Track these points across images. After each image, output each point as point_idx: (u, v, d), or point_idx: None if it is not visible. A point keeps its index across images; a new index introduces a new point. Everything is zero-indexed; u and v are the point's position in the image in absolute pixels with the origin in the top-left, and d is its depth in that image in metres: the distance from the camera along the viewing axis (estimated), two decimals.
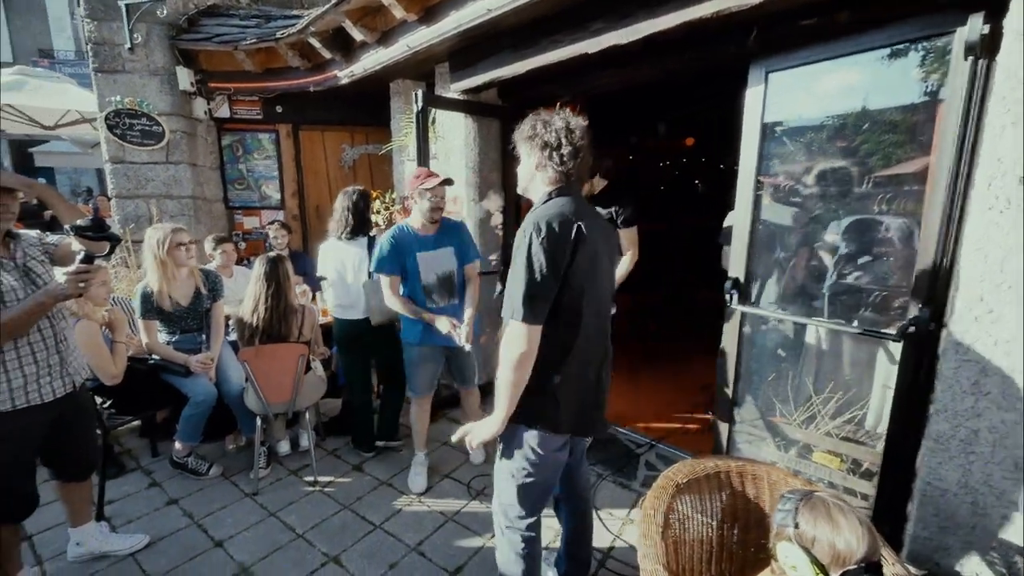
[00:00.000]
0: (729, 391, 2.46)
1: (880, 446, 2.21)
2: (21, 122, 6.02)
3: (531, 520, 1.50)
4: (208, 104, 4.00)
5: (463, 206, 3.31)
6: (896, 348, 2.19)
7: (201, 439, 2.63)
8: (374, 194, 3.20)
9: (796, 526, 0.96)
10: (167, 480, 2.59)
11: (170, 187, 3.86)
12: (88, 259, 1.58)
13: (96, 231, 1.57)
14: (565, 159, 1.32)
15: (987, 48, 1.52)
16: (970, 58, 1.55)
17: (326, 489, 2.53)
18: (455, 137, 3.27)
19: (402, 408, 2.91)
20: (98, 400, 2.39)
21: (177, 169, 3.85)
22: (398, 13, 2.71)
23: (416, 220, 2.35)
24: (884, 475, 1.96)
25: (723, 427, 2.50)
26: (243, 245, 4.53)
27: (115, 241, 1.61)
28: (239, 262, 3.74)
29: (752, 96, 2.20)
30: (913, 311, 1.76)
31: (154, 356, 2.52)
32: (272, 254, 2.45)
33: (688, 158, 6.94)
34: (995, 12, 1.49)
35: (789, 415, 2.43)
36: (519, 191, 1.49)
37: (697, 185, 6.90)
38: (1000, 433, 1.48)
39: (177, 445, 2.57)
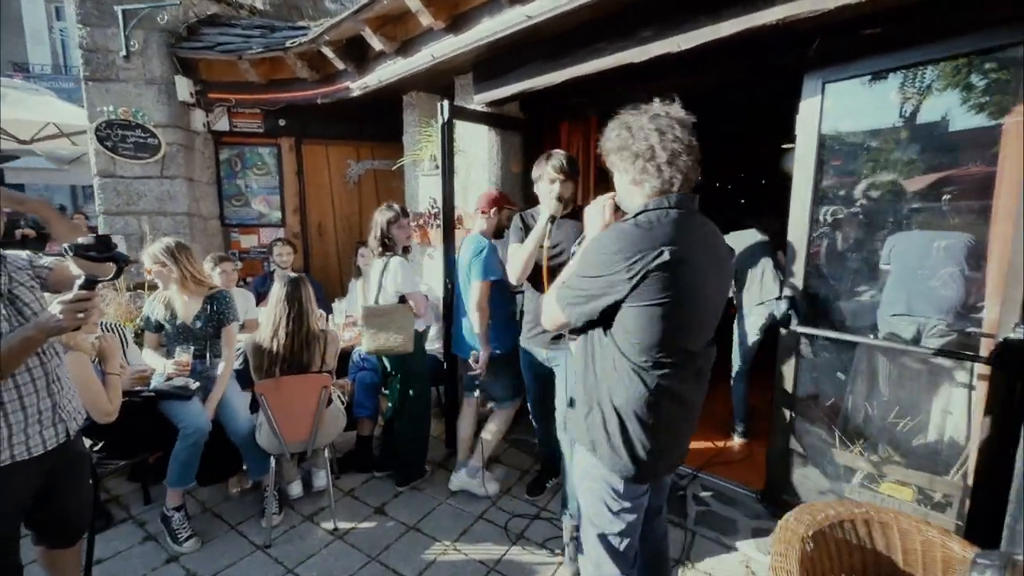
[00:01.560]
0: (786, 417, 2.31)
1: (952, 475, 2.08)
2: None
3: None
4: (207, 116, 3.78)
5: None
6: (958, 371, 2.09)
7: (195, 482, 2.30)
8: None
9: None
10: (164, 532, 2.28)
11: (164, 203, 3.60)
12: (89, 284, 1.32)
13: (101, 251, 1.33)
14: (663, 168, 1.11)
15: None
16: None
17: (347, 537, 2.26)
18: (477, 151, 3.12)
19: (426, 441, 2.67)
20: (86, 443, 2.09)
21: (172, 184, 3.60)
22: (425, 20, 2.58)
23: (489, 232, 2.45)
24: (974, 510, 1.81)
25: (780, 456, 2.33)
26: (239, 265, 4.25)
27: (123, 262, 1.38)
28: (236, 283, 3.48)
29: (808, 108, 2.11)
30: (1006, 331, 1.64)
31: (147, 387, 2.25)
32: (293, 274, 2.23)
33: (728, 171, 6.91)
34: None
35: (851, 442, 2.29)
36: (620, 206, 1.28)
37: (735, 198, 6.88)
38: None
39: (169, 494, 2.22)
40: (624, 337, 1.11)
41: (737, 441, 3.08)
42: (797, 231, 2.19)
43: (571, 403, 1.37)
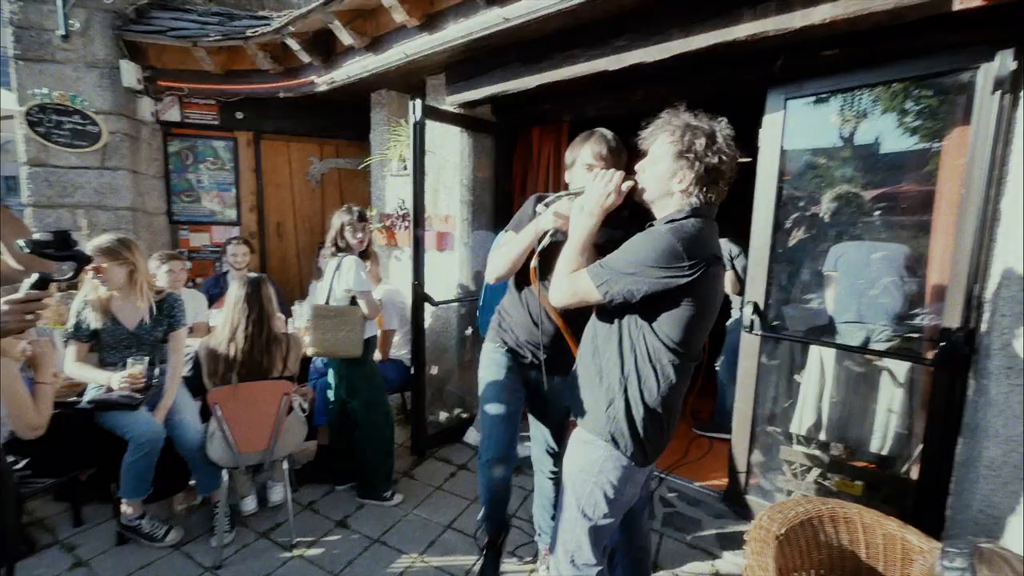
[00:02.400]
0: (747, 418, 2.39)
1: (897, 470, 2.22)
2: None
3: (600, 568, 1.32)
4: (155, 105, 3.53)
5: (456, 224, 3.10)
6: (899, 370, 2.24)
7: (151, 491, 2.13)
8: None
9: None
10: (97, 556, 2.07)
11: (104, 196, 3.31)
12: (42, 283, 1.18)
13: (60, 248, 1.19)
14: (712, 188, 1.16)
15: (1013, 83, 1.59)
16: (998, 92, 1.62)
17: (307, 553, 2.13)
18: (448, 152, 3.08)
19: (391, 451, 2.57)
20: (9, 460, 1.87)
21: (115, 176, 3.32)
22: (398, 17, 2.52)
23: None
24: (918, 502, 1.93)
25: (741, 456, 2.41)
26: (189, 265, 3.98)
27: (83, 262, 1.24)
28: (185, 284, 3.25)
29: (770, 122, 2.20)
30: (949, 337, 1.76)
31: (83, 398, 2.04)
32: (253, 275, 2.09)
33: None
34: (1022, 49, 1.57)
35: (806, 441, 2.40)
36: (645, 197, 1.25)
37: None
38: None
39: (124, 507, 2.07)
40: (667, 331, 1.16)
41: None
42: (760, 241, 2.28)
43: (574, 400, 1.34)
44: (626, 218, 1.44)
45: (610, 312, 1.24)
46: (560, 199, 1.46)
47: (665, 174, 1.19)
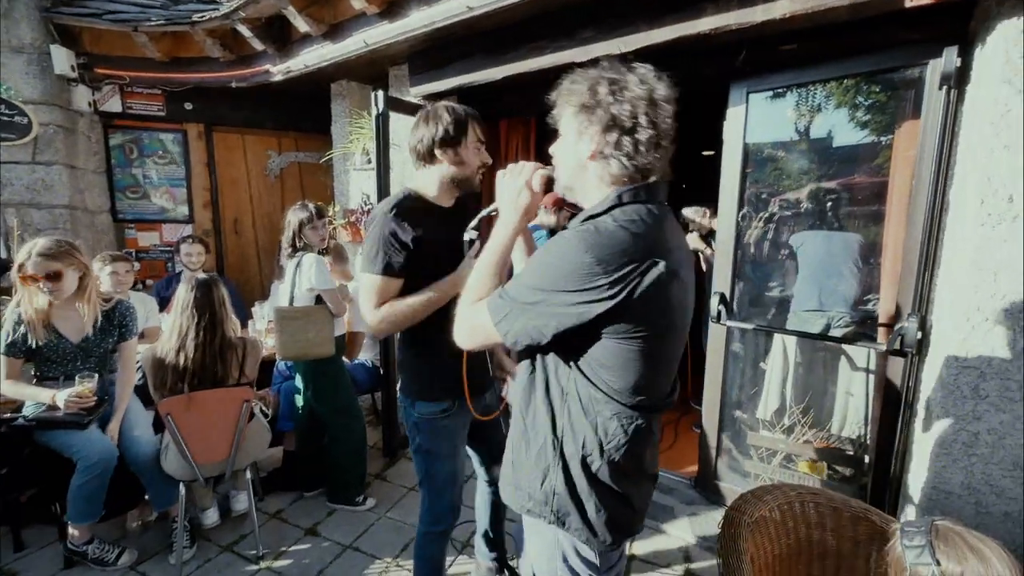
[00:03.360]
0: (715, 405, 2.44)
1: (856, 452, 2.33)
2: None
3: None
4: (93, 95, 3.27)
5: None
6: (857, 356, 2.34)
7: (103, 513, 1.99)
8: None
9: (937, 563, 0.86)
10: (88, 565, 1.92)
11: (37, 193, 3.05)
12: None
13: None
14: (643, 149, 0.84)
15: (958, 79, 1.66)
16: (944, 87, 1.69)
17: (275, 564, 2.05)
18: None
19: (363, 454, 2.49)
20: None
21: (48, 171, 3.07)
22: (357, 4, 2.41)
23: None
24: (876, 482, 2.02)
25: (711, 443, 2.46)
26: (137, 266, 3.74)
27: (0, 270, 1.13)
28: (133, 286, 3.04)
29: (733, 115, 2.24)
30: (902, 323, 1.84)
31: (22, 414, 1.88)
32: (203, 276, 1.97)
33: None
34: (965, 47, 1.64)
35: (771, 427, 2.48)
36: (558, 189, 0.97)
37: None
38: (999, 434, 1.57)
39: (71, 530, 1.92)
40: (603, 374, 0.86)
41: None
42: (725, 233, 2.32)
43: (504, 467, 1.04)
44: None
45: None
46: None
47: (571, 142, 0.90)
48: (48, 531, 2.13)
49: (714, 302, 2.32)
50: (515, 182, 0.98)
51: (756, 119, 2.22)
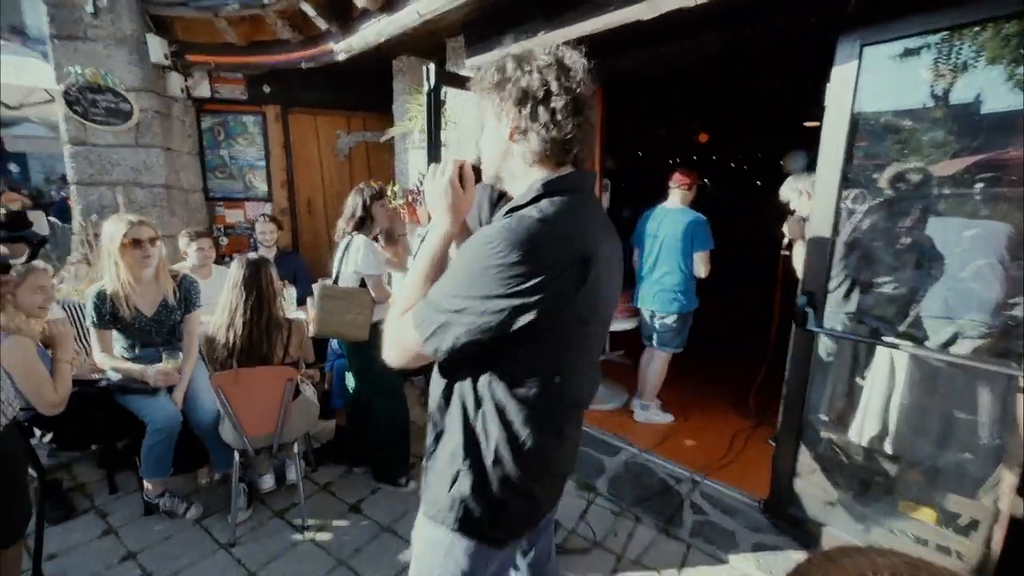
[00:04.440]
0: (796, 420, 2.10)
1: (982, 498, 1.87)
2: None
3: None
4: (185, 81, 3.53)
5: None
6: (996, 379, 1.85)
7: (171, 471, 2.20)
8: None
9: None
10: (125, 525, 2.16)
11: (139, 173, 3.39)
12: (2, 267, 1.17)
13: (10, 230, 1.16)
14: (560, 118, 0.79)
15: None
16: None
17: (317, 537, 2.12)
18: (471, 122, 2.86)
19: (406, 434, 2.50)
20: (36, 433, 1.96)
21: (148, 153, 3.38)
22: None
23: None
24: (1009, 539, 1.60)
25: (787, 462, 2.13)
26: (225, 241, 4.07)
27: (36, 243, 1.20)
28: (219, 260, 3.30)
29: (840, 76, 1.82)
30: None
31: (106, 376, 2.08)
32: (253, 255, 2.03)
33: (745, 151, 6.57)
34: None
35: (868, 453, 2.08)
36: (487, 179, 0.91)
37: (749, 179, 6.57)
38: None
39: (145, 483, 2.14)
40: (516, 375, 0.82)
41: None
42: (821, 218, 1.93)
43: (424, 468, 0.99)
44: None
45: None
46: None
47: (492, 128, 0.86)
48: (135, 478, 2.40)
49: (800, 302, 1.96)
50: (438, 183, 0.89)
51: (871, 80, 1.78)
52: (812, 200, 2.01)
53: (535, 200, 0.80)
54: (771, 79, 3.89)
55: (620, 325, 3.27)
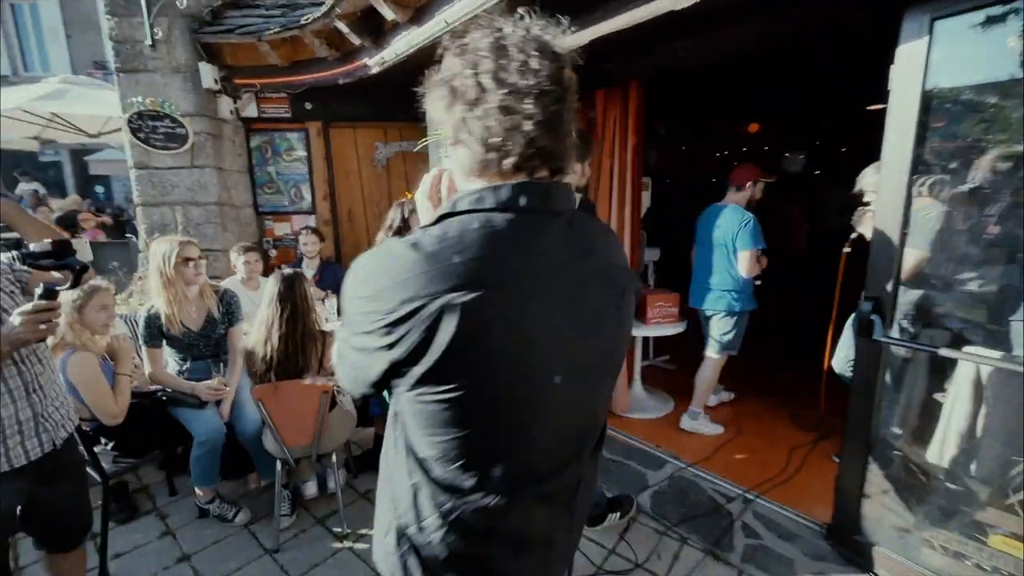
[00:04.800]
0: (864, 438, 1.89)
1: None
2: (69, 131, 6.11)
3: None
4: (234, 103, 3.73)
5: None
6: None
7: (220, 479, 2.32)
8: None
9: None
10: (183, 527, 2.28)
11: (195, 193, 3.61)
12: (49, 294, 1.25)
13: (55, 258, 1.23)
14: (493, 124, 0.62)
15: None
16: None
17: (356, 546, 2.15)
18: None
19: None
20: (102, 441, 2.10)
21: (203, 173, 3.60)
22: None
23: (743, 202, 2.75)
24: None
25: (853, 483, 1.93)
26: (274, 253, 4.27)
27: (79, 271, 1.27)
28: (269, 271, 3.45)
29: (908, 54, 1.62)
30: None
31: (161, 389, 2.21)
32: (288, 271, 2.08)
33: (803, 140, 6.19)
34: None
35: (950, 478, 1.84)
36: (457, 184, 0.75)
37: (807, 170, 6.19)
38: None
39: (196, 490, 2.26)
40: (417, 434, 0.69)
41: None
42: (888, 211, 1.73)
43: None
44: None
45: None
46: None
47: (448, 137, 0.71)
48: None
49: (864, 309, 1.76)
50: (421, 189, 0.79)
51: (946, 54, 1.57)
52: (878, 191, 1.80)
53: (440, 219, 0.65)
54: (822, 63, 3.58)
55: (663, 331, 3.11)
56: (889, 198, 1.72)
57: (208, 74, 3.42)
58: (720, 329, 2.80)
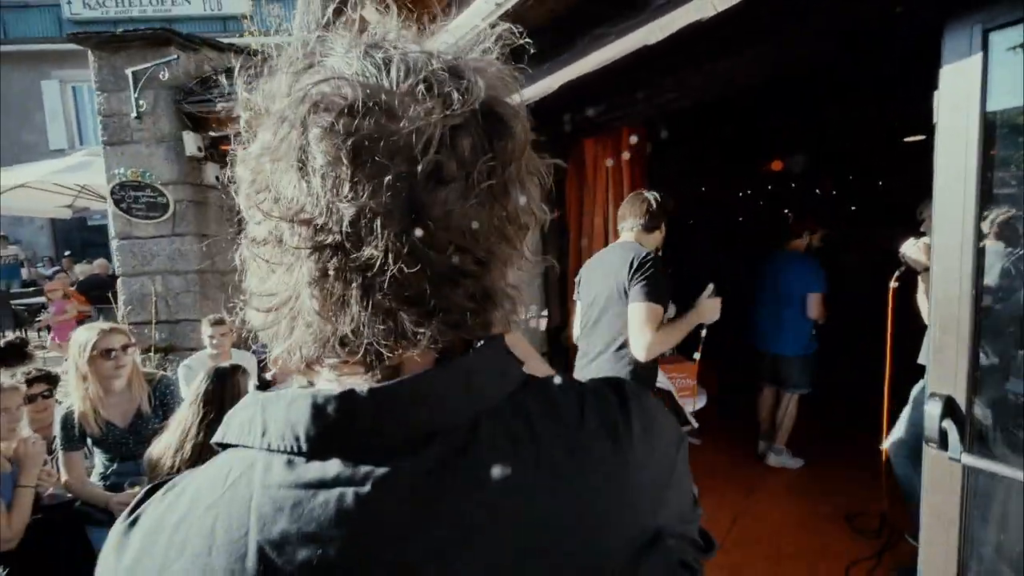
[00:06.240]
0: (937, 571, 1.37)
1: None
2: (94, 200, 6.36)
3: None
4: (221, 169, 3.66)
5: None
6: None
7: None
8: None
9: None
10: None
11: (175, 261, 3.49)
12: None
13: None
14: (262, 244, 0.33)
15: None
16: None
17: None
18: None
19: None
20: None
21: (183, 241, 3.49)
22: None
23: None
24: None
25: None
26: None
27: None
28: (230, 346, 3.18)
29: (956, 74, 1.25)
30: None
31: (78, 502, 1.91)
32: (224, 365, 1.78)
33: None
34: None
35: None
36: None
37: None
38: None
39: None
40: None
41: None
42: (947, 280, 1.30)
43: None
44: None
45: None
46: None
47: None
48: None
49: (934, 412, 1.29)
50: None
51: (1007, 72, 1.20)
52: (933, 245, 1.38)
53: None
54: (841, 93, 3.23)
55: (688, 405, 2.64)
56: (947, 253, 1.29)
57: (192, 142, 3.37)
58: (793, 372, 2.94)
